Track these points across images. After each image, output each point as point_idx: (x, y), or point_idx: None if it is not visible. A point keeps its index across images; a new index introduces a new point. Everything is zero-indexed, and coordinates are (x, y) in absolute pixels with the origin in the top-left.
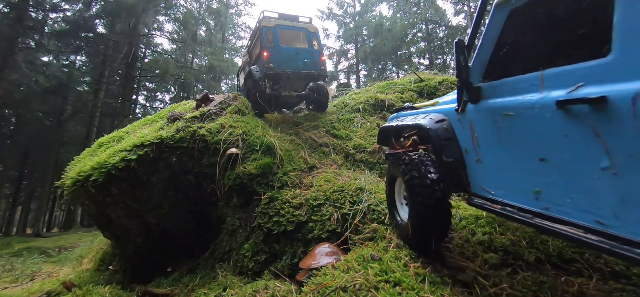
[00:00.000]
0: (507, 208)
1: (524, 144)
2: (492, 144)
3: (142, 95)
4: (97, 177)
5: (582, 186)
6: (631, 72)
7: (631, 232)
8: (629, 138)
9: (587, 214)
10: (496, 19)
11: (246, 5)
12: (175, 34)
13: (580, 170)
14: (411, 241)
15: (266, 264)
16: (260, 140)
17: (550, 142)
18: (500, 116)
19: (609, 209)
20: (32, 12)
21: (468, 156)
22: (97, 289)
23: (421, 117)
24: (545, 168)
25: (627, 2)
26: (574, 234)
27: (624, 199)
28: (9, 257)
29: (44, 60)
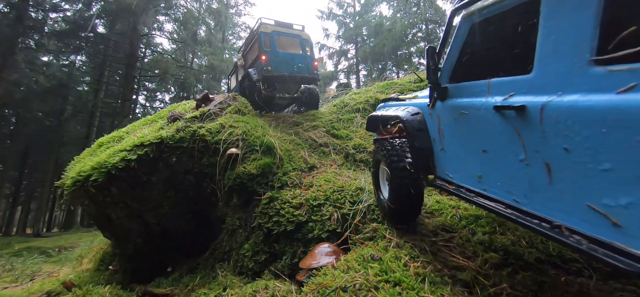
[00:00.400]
0: (459, 189)
1: (473, 138)
2: (452, 136)
3: (142, 95)
4: (97, 177)
5: (507, 172)
6: (543, 88)
7: (534, 208)
8: (536, 138)
9: (509, 194)
10: (461, 30)
11: (246, 5)
12: (175, 34)
13: (506, 160)
14: (390, 216)
15: (266, 264)
16: (260, 140)
17: (490, 138)
18: (459, 114)
19: (522, 191)
20: (32, 12)
21: (435, 145)
22: (97, 289)
23: (401, 109)
24: (485, 158)
25: (545, 32)
26: (498, 209)
27: (531, 184)
28: (9, 257)
29: (44, 60)
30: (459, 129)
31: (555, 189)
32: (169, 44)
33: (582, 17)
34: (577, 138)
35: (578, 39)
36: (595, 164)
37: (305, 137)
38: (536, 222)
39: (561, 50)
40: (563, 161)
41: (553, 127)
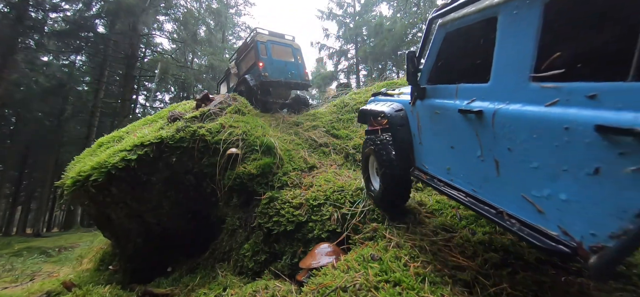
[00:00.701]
0: (433, 179)
1: (444, 135)
2: (428, 132)
3: (142, 95)
4: (97, 177)
5: (468, 166)
6: (496, 96)
7: (486, 197)
8: (489, 138)
9: (469, 185)
10: (437, 38)
11: (246, 5)
12: (175, 34)
13: (468, 156)
14: (381, 203)
15: (266, 264)
16: (260, 140)
17: (456, 136)
18: (434, 112)
19: (478, 182)
20: (32, 12)
21: (415, 139)
22: (97, 289)
23: (387, 105)
24: (453, 153)
25: (499, 48)
26: (459, 197)
27: (485, 177)
28: (9, 257)
29: (44, 60)
30: (434, 126)
31: (501, 182)
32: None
33: (525, 40)
34: (517, 140)
35: (522, 58)
36: (528, 162)
37: (305, 137)
38: (486, 208)
39: (510, 66)
40: (507, 158)
41: (501, 130)
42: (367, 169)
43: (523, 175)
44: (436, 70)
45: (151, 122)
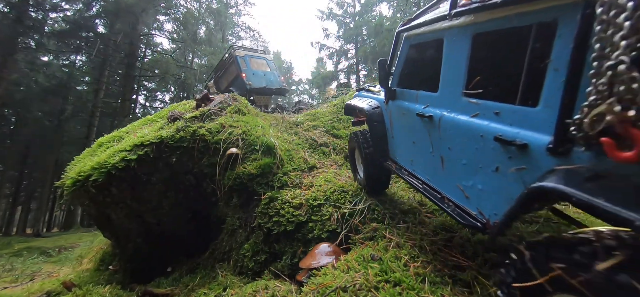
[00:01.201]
0: (401, 169)
1: (407, 132)
2: (398, 128)
3: (142, 95)
4: (97, 177)
5: (424, 159)
6: (442, 105)
7: (435, 185)
8: (437, 138)
9: (425, 174)
10: (403, 49)
11: (246, 5)
12: (175, 34)
13: (424, 151)
14: (366, 188)
15: (266, 264)
16: (260, 140)
17: (416, 134)
18: (401, 112)
19: (430, 173)
20: (32, 12)
21: (388, 134)
22: (97, 289)
23: (366, 102)
24: (414, 148)
25: (444, 65)
26: (418, 185)
27: (434, 169)
28: (9, 257)
29: (44, 60)
30: (401, 124)
31: (444, 173)
32: (169, 44)
33: (460, 62)
34: (453, 142)
35: (457, 76)
36: (460, 159)
37: (305, 137)
38: (435, 193)
39: (450, 81)
40: (448, 155)
41: (444, 133)
42: (354, 159)
43: (457, 169)
44: (403, 76)
45: (151, 122)
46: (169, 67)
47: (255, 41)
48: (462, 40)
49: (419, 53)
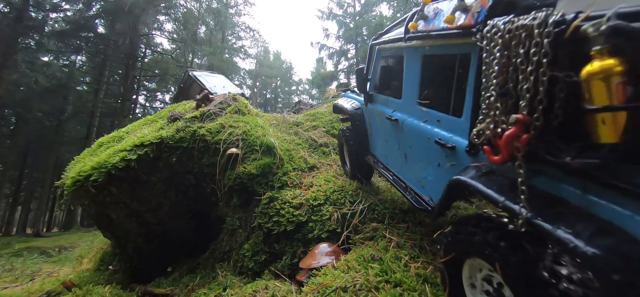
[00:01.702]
0: (378, 163)
1: (382, 131)
2: (374, 128)
3: (142, 96)
4: (97, 177)
5: (394, 155)
6: (404, 110)
7: (402, 177)
8: (401, 139)
9: (395, 168)
10: (377, 58)
11: (246, 5)
12: (175, 34)
13: (393, 148)
14: (352, 178)
15: (266, 264)
16: (260, 141)
17: (387, 134)
18: (377, 114)
19: (398, 166)
20: (32, 12)
21: (368, 132)
22: (97, 289)
23: (350, 103)
24: (387, 144)
25: (405, 76)
26: (389, 177)
27: (401, 163)
28: (9, 257)
29: (44, 60)
30: (377, 124)
31: (407, 167)
32: (169, 44)
33: (415, 76)
34: (412, 142)
35: (414, 87)
36: (417, 156)
37: (305, 137)
38: (401, 184)
39: (410, 91)
40: (409, 152)
41: (406, 134)
42: (343, 152)
43: (416, 164)
44: (378, 82)
45: (151, 122)
46: (169, 67)
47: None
48: (416, 58)
49: (388, 64)
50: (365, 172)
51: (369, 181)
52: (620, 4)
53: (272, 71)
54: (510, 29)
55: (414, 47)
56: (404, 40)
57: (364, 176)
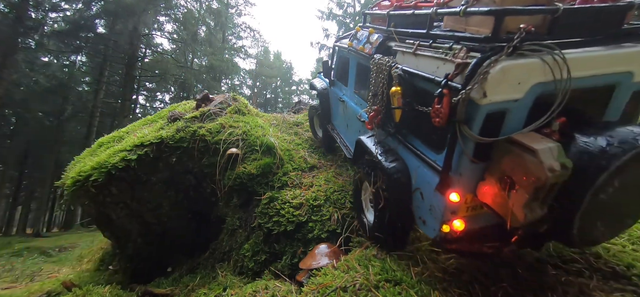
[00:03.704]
0: (334, 130)
1: (336, 108)
2: (333, 105)
3: (142, 96)
4: (97, 177)
5: (342, 124)
6: (348, 95)
7: (346, 140)
8: (346, 113)
9: (342, 133)
10: (337, 54)
11: (246, 5)
12: (175, 34)
13: (342, 119)
14: (322, 146)
15: (266, 264)
16: (260, 141)
17: (339, 110)
18: (334, 95)
19: (344, 133)
20: (32, 12)
21: (330, 107)
22: (97, 289)
23: (321, 83)
24: (338, 117)
25: (350, 71)
26: (339, 140)
27: (346, 130)
28: (9, 257)
29: (44, 60)
30: (335, 102)
31: (348, 133)
32: (169, 44)
33: (353, 73)
34: (350, 116)
35: (353, 80)
36: (352, 126)
37: (305, 137)
38: (344, 144)
39: (351, 82)
40: (349, 123)
41: (347, 111)
42: (312, 123)
43: (351, 130)
44: (338, 72)
45: (151, 122)
46: (169, 67)
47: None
48: (353, 62)
49: (342, 60)
50: (331, 140)
51: (334, 147)
52: (418, 65)
53: (272, 71)
54: (379, 62)
55: (352, 55)
56: (347, 50)
57: (331, 142)
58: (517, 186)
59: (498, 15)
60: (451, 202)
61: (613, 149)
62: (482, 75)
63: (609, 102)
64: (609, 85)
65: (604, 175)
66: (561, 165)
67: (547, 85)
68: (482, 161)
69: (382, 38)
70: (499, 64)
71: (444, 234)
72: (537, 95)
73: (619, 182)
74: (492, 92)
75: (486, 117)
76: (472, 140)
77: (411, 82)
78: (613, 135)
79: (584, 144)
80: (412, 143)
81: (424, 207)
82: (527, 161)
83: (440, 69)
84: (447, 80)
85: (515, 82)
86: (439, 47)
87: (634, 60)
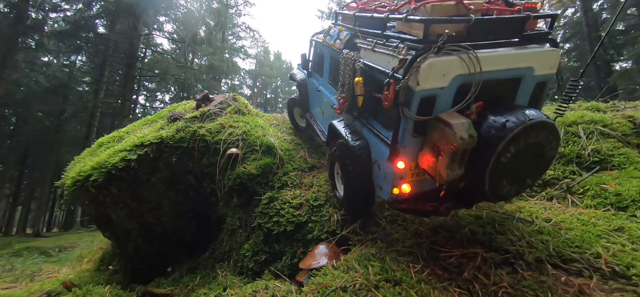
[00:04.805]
0: (312, 117)
1: (314, 97)
2: (311, 94)
3: (142, 96)
4: (97, 177)
5: (318, 112)
6: (323, 85)
7: (321, 126)
8: (321, 101)
9: (319, 120)
10: (314, 48)
11: (246, 5)
12: (175, 34)
13: (318, 108)
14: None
15: (266, 264)
16: (260, 140)
17: (316, 98)
18: (312, 85)
19: (320, 119)
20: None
21: (309, 96)
22: (97, 289)
23: (300, 75)
24: (315, 105)
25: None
26: (315, 126)
27: (321, 116)
28: (9, 257)
29: (44, 60)
30: (312, 91)
31: (323, 119)
32: (169, 44)
33: (327, 66)
34: (324, 104)
35: (327, 71)
36: (327, 113)
37: (305, 137)
38: (321, 129)
39: (326, 74)
40: (324, 110)
41: (323, 99)
42: (292, 113)
43: (326, 117)
44: (313, 65)
45: (151, 122)
46: (169, 67)
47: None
48: (327, 56)
49: (318, 53)
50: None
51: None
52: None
53: (272, 71)
54: (346, 56)
55: (326, 49)
56: (322, 45)
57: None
58: (441, 152)
59: (426, 23)
60: (399, 169)
61: (510, 124)
62: (416, 69)
63: (518, 91)
64: (516, 77)
65: (502, 143)
66: (469, 135)
67: (466, 77)
68: (420, 135)
69: (349, 35)
70: (427, 60)
71: (395, 196)
72: (459, 84)
73: (514, 149)
74: (423, 81)
75: (420, 101)
76: (411, 119)
77: (370, 73)
78: (512, 114)
79: (492, 121)
80: (371, 124)
81: (381, 176)
82: (446, 133)
83: (390, 63)
84: (393, 72)
85: (441, 74)
86: (390, 46)
87: (533, 59)
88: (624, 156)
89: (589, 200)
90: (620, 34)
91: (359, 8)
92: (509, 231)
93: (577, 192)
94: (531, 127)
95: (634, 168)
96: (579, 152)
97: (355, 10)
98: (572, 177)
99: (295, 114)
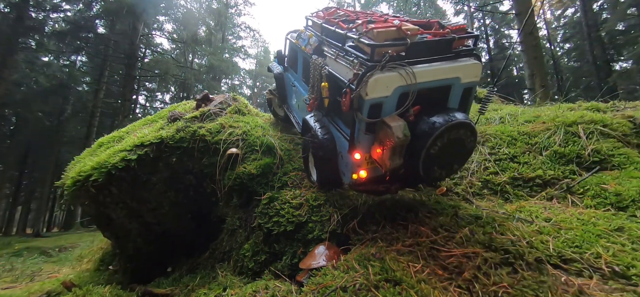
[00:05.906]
0: (289, 110)
1: (290, 90)
2: (288, 88)
3: (142, 96)
4: (97, 177)
5: (294, 105)
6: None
7: (296, 117)
8: (296, 95)
9: (295, 113)
10: (289, 46)
11: (246, 5)
12: (175, 34)
13: (293, 101)
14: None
15: (266, 264)
16: (261, 140)
17: (291, 93)
18: (288, 80)
19: (296, 112)
20: (32, 12)
21: (286, 90)
22: (97, 289)
23: (277, 68)
24: (291, 99)
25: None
26: (292, 119)
27: (297, 109)
28: (9, 257)
29: (44, 60)
30: (289, 86)
31: (298, 112)
32: (169, 44)
33: (301, 63)
34: (299, 99)
35: (301, 69)
36: (301, 107)
37: None
38: (297, 122)
39: (300, 71)
40: (299, 104)
41: (297, 93)
42: (271, 105)
43: (300, 110)
44: (289, 60)
45: (151, 122)
46: (169, 67)
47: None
48: (301, 55)
49: (293, 51)
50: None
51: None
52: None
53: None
54: (315, 61)
55: (300, 49)
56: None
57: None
58: (385, 147)
59: (372, 47)
60: (356, 159)
61: (437, 124)
62: (365, 82)
63: (449, 96)
64: (446, 86)
65: (431, 139)
66: (404, 135)
67: (405, 87)
68: (371, 133)
69: (317, 42)
70: (374, 76)
71: (354, 180)
72: (400, 93)
73: (440, 143)
74: (371, 92)
75: (370, 107)
76: (364, 121)
77: (334, 80)
78: (441, 116)
79: (425, 122)
80: (336, 122)
81: (343, 164)
82: (388, 132)
83: (348, 75)
84: (349, 83)
85: (385, 86)
86: (348, 58)
87: (459, 70)
88: (624, 156)
89: (589, 200)
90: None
91: (325, 18)
92: (509, 231)
93: (577, 192)
94: (453, 126)
95: (634, 168)
96: (579, 152)
97: (322, 19)
98: (572, 177)
99: (273, 104)
